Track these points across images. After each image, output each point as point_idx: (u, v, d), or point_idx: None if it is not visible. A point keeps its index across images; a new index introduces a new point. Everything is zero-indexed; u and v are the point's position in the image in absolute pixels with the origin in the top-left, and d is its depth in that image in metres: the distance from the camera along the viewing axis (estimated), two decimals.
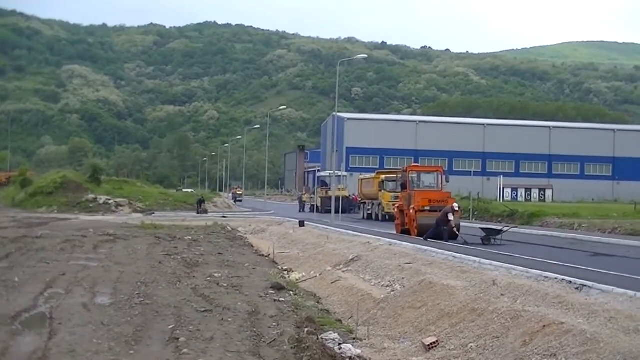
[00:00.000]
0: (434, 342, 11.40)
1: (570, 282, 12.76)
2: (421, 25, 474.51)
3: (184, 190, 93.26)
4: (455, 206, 24.19)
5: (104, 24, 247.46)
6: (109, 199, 49.45)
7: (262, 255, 24.12)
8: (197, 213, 48.51)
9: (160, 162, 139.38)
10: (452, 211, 23.61)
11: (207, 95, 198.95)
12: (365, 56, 60.80)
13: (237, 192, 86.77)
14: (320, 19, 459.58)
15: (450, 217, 23.41)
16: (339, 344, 11.07)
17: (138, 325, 10.85)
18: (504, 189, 65.15)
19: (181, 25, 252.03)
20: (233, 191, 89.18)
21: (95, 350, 9.31)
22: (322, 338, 11.07)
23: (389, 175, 43.11)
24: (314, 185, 69.17)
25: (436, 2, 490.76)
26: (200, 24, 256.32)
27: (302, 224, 34.06)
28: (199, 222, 37.56)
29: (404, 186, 28.05)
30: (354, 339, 12.08)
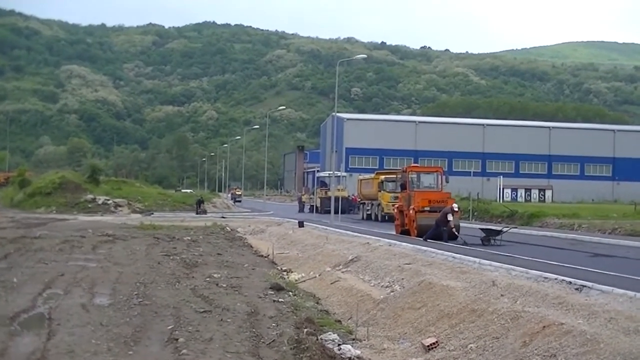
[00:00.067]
0: (434, 343, 11.39)
1: (570, 282, 12.74)
2: (421, 26, 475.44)
3: (183, 190, 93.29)
4: (455, 207, 24.19)
5: (103, 24, 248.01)
6: (108, 200, 49.40)
7: (262, 256, 24.09)
8: (196, 213, 48.48)
9: (159, 163, 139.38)
10: (452, 212, 23.61)
11: (206, 95, 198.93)
12: (365, 56, 60.73)
13: (236, 193, 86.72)
14: (319, 19, 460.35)
15: (449, 218, 23.41)
16: (339, 345, 11.05)
17: (137, 325, 10.83)
18: (503, 189, 65.15)
19: (180, 25, 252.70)
20: (232, 191, 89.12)
21: (94, 351, 9.29)
22: (321, 339, 11.05)
23: (388, 176, 43.12)
24: (314, 185, 69.13)
25: (436, 2, 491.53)
26: (199, 24, 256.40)
27: (301, 224, 34.05)
28: (198, 223, 37.52)
29: (404, 187, 28.02)
30: (353, 339, 12.06)
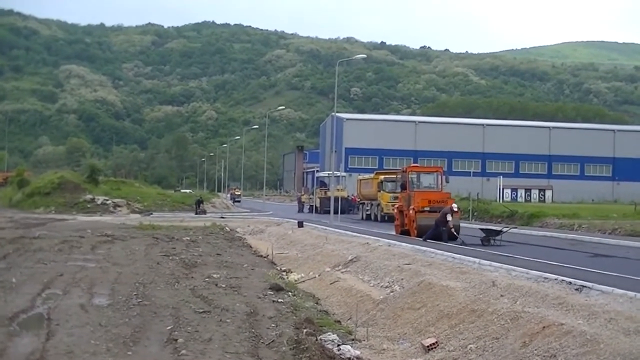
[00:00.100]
0: (434, 343, 11.37)
1: (570, 283, 12.72)
2: (420, 25, 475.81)
3: (182, 190, 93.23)
4: (454, 207, 24.13)
5: (102, 24, 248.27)
6: (107, 200, 49.34)
7: (261, 256, 24.06)
8: (195, 214, 48.45)
9: (158, 163, 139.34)
10: (451, 212, 23.57)
11: (205, 95, 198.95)
12: (364, 56, 60.59)
13: (235, 193, 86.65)
14: (319, 19, 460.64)
15: (448, 218, 23.37)
16: (338, 345, 11.03)
17: (136, 326, 10.81)
18: (503, 189, 65.17)
19: (179, 25, 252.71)
20: (231, 192, 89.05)
21: (93, 351, 9.27)
22: (321, 339, 11.03)
23: (387, 176, 43.10)
24: (313, 185, 69.15)
25: (435, 2, 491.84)
26: (198, 23, 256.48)
27: (300, 224, 34.02)
28: (197, 223, 37.49)
29: (404, 187, 27.96)
30: (353, 340, 12.04)
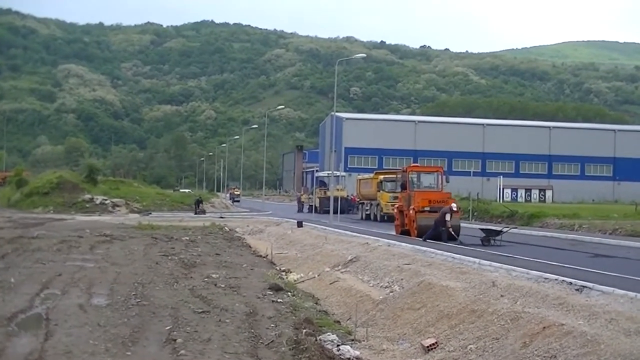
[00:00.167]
0: (433, 344, 11.34)
1: (571, 283, 12.69)
2: (420, 25, 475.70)
3: (181, 190, 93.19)
4: (454, 206, 24.07)
5: (101, 23, 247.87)
6: (106, 199, 49.28)
7: (260, 256, 24.00)
8: (194, 213, 48.42)
9: (157, 162, 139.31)
10: (450, 212, 23.52)
11: (204, 94, 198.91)
12: (364, 56, 60.61)
13: (234, 193, 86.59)
14: (318, 18, 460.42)
15: (447, 218, 23.32)
16: (338, 345, 11.00)
17: (135, 326, 10.78)
18: (503, 189, 65.17)
19: (178, 24, 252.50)
20: (231, 191, 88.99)
21: (92, 352, 9.24)
22: (320, 339, 11.00)
23: (387, 176, 43.08)
24: (312, 185, 69.11)
25: (435, 1, 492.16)
26: (197, 22, 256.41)
27: (300, 224, 33.97)
28: (196, 223, 37.43)
29: (404, 186, 27.88)
30: (352, 340, 12.01)
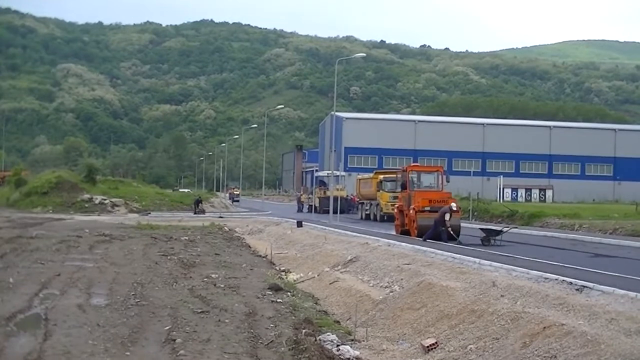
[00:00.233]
0: (433, 344, 11.32)
1: (571, 283, 12.66)
2: (420, 24, 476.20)
3: (181, 190, 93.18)
4: (454, 206, 23.99)
5: (100, 22, 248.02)
6: (105, 199, 49.25)
7: (260, 256, 23.98)
8: (194, 213, 48.43)
9: (157, 162, 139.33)
10: (450, 211, 23.46)
11: (203, 94, 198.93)
12: (364, 55, 60.75)
13: (234, 192, 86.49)
14: (318, 18, 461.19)
15: (446, 218, 23.26)
16: (337, 346, 10.98)
17: (134, 326, 10.76)
18: (503, 189, 65.12)
19: (177, 23, 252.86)
20: (230, 191, 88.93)
21: (91, 352, 9.22)
22: (320, 339, 10.98)
23: (387, 175, 43.03)
24: (312, 185, 69.09)
25: (435, 1, 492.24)
26: (196, 22, 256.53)
27: (299, 224, 33.93)
28: (195, 223, 37.41)
29: (404, 186, 27.79)
30: (352, 340, 11.99)
